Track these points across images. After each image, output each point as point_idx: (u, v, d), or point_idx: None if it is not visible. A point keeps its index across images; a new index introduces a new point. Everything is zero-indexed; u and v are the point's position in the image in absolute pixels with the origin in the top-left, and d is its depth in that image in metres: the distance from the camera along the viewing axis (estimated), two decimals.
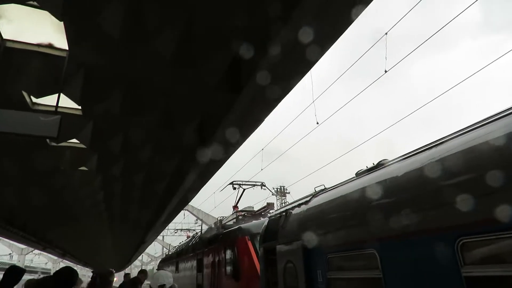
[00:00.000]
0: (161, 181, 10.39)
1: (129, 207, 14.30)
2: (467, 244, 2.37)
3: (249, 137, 6.96)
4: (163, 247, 56.32)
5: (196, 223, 36.53)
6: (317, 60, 3.95)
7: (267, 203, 10.53)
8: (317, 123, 8.35)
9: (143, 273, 7.50)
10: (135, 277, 7.34)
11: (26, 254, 57.93)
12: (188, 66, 4.51)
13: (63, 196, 11.95)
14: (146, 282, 8.27)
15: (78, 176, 10.02)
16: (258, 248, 7.20)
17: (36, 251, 49.11)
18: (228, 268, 8.81)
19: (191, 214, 34.34)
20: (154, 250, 68.83)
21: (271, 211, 9.56)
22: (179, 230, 40.07)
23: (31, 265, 68.43)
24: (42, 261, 71.98)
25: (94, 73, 5.39)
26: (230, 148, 6.88)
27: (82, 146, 7.97)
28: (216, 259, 9.94)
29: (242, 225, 9.11)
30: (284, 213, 5.57)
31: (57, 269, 3.88)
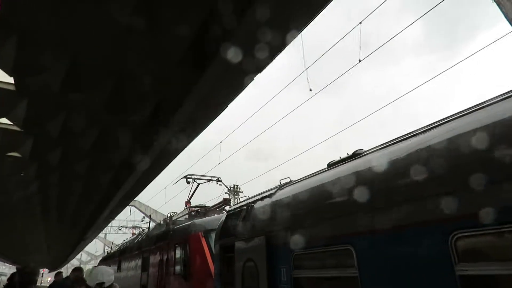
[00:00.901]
0: (107, 171, 9.44)
1: (68, 200, 12.97)
2: (463, 239, 2.15)
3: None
4: (105, 245, 53.17)
5: (143, 220, 34.75)
6: (296, 36, 3.63)
7: (224, 198, 10.05)
8: (310, 89, 8.35)
9: (78, 270, 6.64)
10: (69, 277, 6.46)
11: None
12: (147, 33, 3.92)
13: None
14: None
15: (8, 163, 8.78)
16: (213, 246, 6.73)
17: None
18: (178, 267, 8.21)
19: (137, 211, 32.63)
20: (95, 249, 65.29)
21: (226, 208, 9.13)
22: (123, 227, 37.75)
23: None
24: None
25: (31, 39, 4.57)
26: (189, 135, 6.31)
27: (15, 128, 6.94)
28: (165, 257, 9.25)
29: (195, 220, 8.57)
30: (245, 207, 5.18)
31: None
